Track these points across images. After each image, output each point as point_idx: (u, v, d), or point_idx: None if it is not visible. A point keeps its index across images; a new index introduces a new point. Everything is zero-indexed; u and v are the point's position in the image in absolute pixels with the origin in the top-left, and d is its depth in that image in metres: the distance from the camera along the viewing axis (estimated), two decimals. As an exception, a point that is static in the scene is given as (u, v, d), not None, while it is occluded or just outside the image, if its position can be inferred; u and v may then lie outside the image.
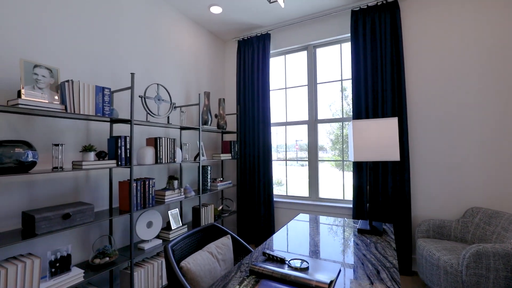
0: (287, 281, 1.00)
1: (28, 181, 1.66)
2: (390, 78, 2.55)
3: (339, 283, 1.01)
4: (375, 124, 1.47)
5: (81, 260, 1.93)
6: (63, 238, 1.82)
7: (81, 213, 1.66)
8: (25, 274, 1.38)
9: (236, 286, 0.99)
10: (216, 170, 3.56)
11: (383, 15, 2.63)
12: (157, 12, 2.66)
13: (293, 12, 3.03)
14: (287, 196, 3.35)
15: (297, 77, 3.38)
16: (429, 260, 2.01)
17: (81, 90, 1.68)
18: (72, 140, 1.89)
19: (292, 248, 1.37)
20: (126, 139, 1.96)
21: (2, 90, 1.56)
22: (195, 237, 1.48)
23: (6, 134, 1.57)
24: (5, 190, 1.56)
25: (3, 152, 1.37)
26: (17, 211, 1.60)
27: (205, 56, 3.40)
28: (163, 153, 2.30)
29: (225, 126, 3.23)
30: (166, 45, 2.75)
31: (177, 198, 2.40)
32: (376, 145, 1.46)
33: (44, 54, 1.75)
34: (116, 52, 2.23)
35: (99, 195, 2.06)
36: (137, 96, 2.40)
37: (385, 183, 2.58)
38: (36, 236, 1.42)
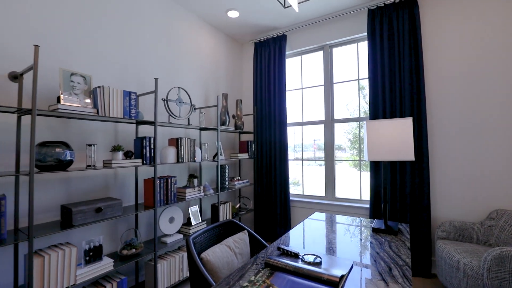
0: (300, 274, 1.06)
1: (65, 177, 1.84)
2: (409, 77, 2.51)
3: (350, 278, 1.05)
4: (389, 124, 1.49)
5: (110, 251, 2.09)
6: (95, 230, 1.99)
7: (111, 207, 1.81)
8: (65, 260, 1.54)
9: (252, 276, 1.06)
10: (233, 169, 3.66)
11: (401, 13, 2.59)
12: (178, 19, 2.80)
13: (309, 13, 3.06)
14: (303, 195, 3.38)
15: (313, 77, 3.40)
16: (449, 262, 1.97)
17: (110, 95, 1.84)
18: (102, 140, 2.06)
19: (306, 244, 1.42)
20: (151, 140, 2.10)
21: (44, 96, 1.74)
22: (214, 231, 1.58)
23: (47, 136, 1.75)
24: (47, 185, 1.74)
25: (46, 152, 1.54)
26: (56, 204, 1.78)
27: (223, 59, 3.51)
28: (184, 152, 2.43)
29: (242, 126, 3.32)
30: (186, 49, 2.89)
31: (197, 196, 2.52)
32: (390, 145, 1.48)
33: (78, 63, 1.93)
34: (141, 59, 2.39)
35: (126, 192, 2.23)
36: (160, 99, 2.55)
37: (403, 183, 2.55)
38: (73, 227, 1.58)
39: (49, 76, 1.77)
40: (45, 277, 1.46)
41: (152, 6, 2.51)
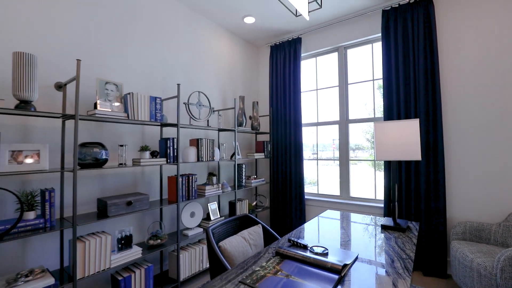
0: (307, 262, 1.17)
1: (101, 174, 2.07)
2: (423, 77, 2.51)
3: (354, 268, 1.15)
4: (397, 125, 1.55)
5: (138, 241, 2.32)
6: (125, 221, 2.22)
7: (139, 201, 2.02)
8: (101, 246, 1.76)
9: (263, 263, 1.19)
10: (250, 168, 3.81)
11: (415, 13, 2.59)
12: (197, 27, 2.99)
13: (323, 16, 3.13)
14: (318, 194, 3.46)
15: (328, 78, 3.46)
16: (462, 262, 1.98)
17: (139, 100, 2.04)
18: (131, 141, 2.29)
19: (315, 238, 1.53)
20: (174, 140, 2.30)
21: (82, 103, 1.99)
22: (230, 224, 1.72)
23: (86, 137, 1.99)
24: (86, 181, 1.98)
25: (86, 151, 1.77)
26: (93, 198, 2.02)
27: (240, 62, 3.66)
28: (203, 152, 2.61)
29: (258, 127, 3.46)
30: (205, 55, 3.08)
31: (215, 192, 2.69)
32: (398, 145, 1.54)
33: (111, 72, 2.16)
34: (165, 66, 2.60)
35: (151, 188, 2.44)
36: (182, 103, 2.75)
37: (417, 183, 2.56)
38: (108, 218, 1.80)
39: (87, 85, 2.01)
40: (86, 260, 1.68)
41: (176, 18, 2.71)
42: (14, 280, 1.45)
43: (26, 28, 1.72)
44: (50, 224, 1.59)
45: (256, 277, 1.06)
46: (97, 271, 1.72)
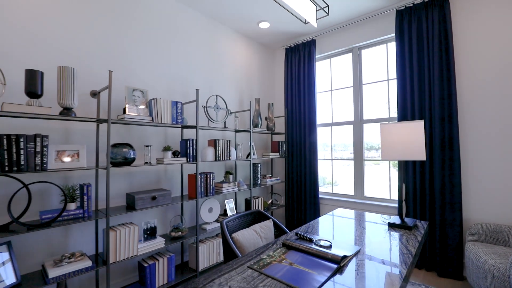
0: (310, 253, 1.28)
1: (129, 171, 2.31)
2: (438, 77, 2.49)
3: (354, 260, 1.24)
4: (402, 127, 1.61)
5: (161, 232, 2.54)
6: (150, 214, 2.44)
7: (163, 196, 2.23)
8: (130, 236, 1.98)
9: (270, 252, 1.32)
10: (266, 167, 3.94)
11: (430, 12, 2.57)
12: (215, 34, 3.17)
13: (337, 18, 3.18)
14: (333, 193, 3.51)
15: (343, 79, 3.50)
16: (475, 263, 1.97)
17: (162, 105, 2.25)
18: (155, 142, 2.51)
19: (321, 233, 1.63)
20: (193, 141, 2.49)
21: (113, 108, 2.23)
22: (244, 218, 1.87)
23: (116, 139, 2.24)
24: (116, 177, 2.22)
25: (116, 151, 2.00)
26: (122, 192, 2.26)
27: (256, 65, 3.80)
28: (220, 152, 2.78)
29: (274, 128, 3.58)
30: (223, 60, 3.25)
31: (232, 190, 2.85)
32: (403, 146, 1.60)
33: (138, 79, 2.40)
34: (186, 72, 2.80)
35: (173, 184, 2.66)
36: (201, 106, 2.94)
37: (432, 184, 2.54)
38: (135, 210, 2.02)
39: (117, 92, 2.25)
40: (117, 247, 1.91)
41: (196, 27, 2.91)
42: (60, 261, 1.70)
43: (67, 44, 1.98)
44: (87, 214, 1.83)
45: (263, 263, 1.19)
46: (126, 257, 1.95)
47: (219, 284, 1.00)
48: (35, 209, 1.81)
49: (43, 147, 1.61)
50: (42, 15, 1.87)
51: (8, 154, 1.49)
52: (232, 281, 1.03)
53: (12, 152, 1.51)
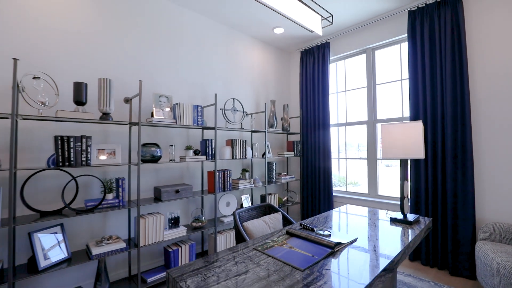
0: (308, 239, 1.45)
1: (155, 168, 2.61)
2: (450, 76, 2.50)
3: (349, 247, 1.39)
4: (401, 127, 1.71)
5: (184, 223, 2.82)
6: (174, 205, 2.74)
7: (185, 190, 2.50)
8: (157, 223, 2.27)
9: (275, 238, 1.51)
10: (282, 166, 4.11)
11: (443, 12, 2.59)
12: (233, 41, 3.40)
13: (350, 20, 3.26)
14: (347, 192, 3.59)
15: (357, 79, 3.56)
16: (483, 261, 2.00)
17: (184, 108, 2.52)
18: (178, 142, 2.80)
19: (326, 225, 1.78)
20: (212, 141, 2.74)
21: (142, 112, 2.54)
22: (255, 211, 2.07)
23: (145, 139, 2.55)
24: (145, 173, 2.53)
25: (146, 150, 2.30)
26: (149, 186, 2.57)
27: (272, 68, 3.99)
28: (237, 151, 3.00)
29: (289, 128, 3.74)
30: (240, 65, 3.48)
31: (248, 186, 3.07)
32: (402, 146, 1.70)
33: (164, 86, 2.70)
34: (206, 78, 3.07)
35: (194, 180, 2.93)
36: (219, 109, 3.19)
37: (444, 184, 2.56)
38: (161, 202, 2.30)
39: (145, 98, 2.57)
40: (146, 233, 2.20)
41: (214, 35, 3.17)
42: (100, 242, 2.03)
43: (105, 58, 2.31)
44: (122, 204, 2.14)
45: (266, 246, 1.38)
46: (153, 242, 2.24)
47: (228, 259, 1.21)
48: (81, 198, 2.17)
49: (87, 146, 1.94)
50: (84, 35, 2.22)
51: (61, 152, 1.83)
52: (239, 257, 1.24)
53: (64, 150, 1.84)
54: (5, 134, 1.86)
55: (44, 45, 2.02)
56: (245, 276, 1.06)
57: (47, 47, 2.04)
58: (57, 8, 2.09)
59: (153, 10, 2.65)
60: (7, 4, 1.88)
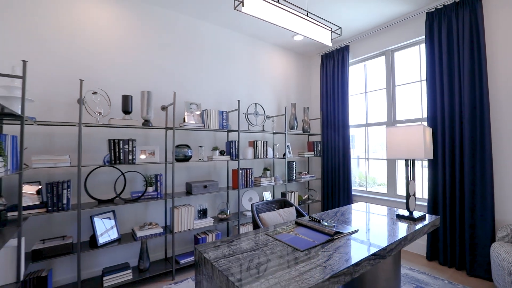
0: (313, 228, 1.68)
1: (187, 166, 3.00)
2: (469, 78, 2.51)
3: (350, 237, 1.59)
4: (405, 130, 1.84)
5: (211, 215, 3.17)
6: (202, 199, 3.10)
7: (212, 186, 2.84)
8: (188, 214, 2.64)
9: (284, 226, 1.76)
10: (303, 166, 4.30)
11: (461, 12, 2.59)
12: (255, 49, 3.69)
13: (369, 23, 3.35)
14: (366, 191, 3.67)
15: (376, 81, 3.63)
16: (496, 261, 2.03)
17: (211, 114, 2.87)
18: (206, 143, 3.16)
19: (333, 218, 1.98)
20: (235, 143, 3.05)
21: (176, 118, 2.94)
22: (271, 204, 2.33)
23: (178, 141, 2.94)
24: (178, 170, 2.93)
25: (179, 150, 2.68)
26: (182, 181, 2.96)
27: (293, 73, 4.20)
28: (259, 151, 3.28)
29: (309, 129, 3.92)
30: (262, 71, 3.76)
31: (268, 184, 3.33)
32: (406, 146, 1.83)
33: (194, 94, 3.08)
34: (230, 86, 3.39)
35: (220, 177, 3.27)
36: (242, 113, 3.50)
37: (462, 184, 2.57)
38: (192, 195, 2.67)
39: (178, 105, 2.96)
40: (179, 221, 2.58)
41: (238, 45, 3.48)
42: (142, 227, 2.45)
43: (145, 73, 2.75)
44: (159, 196, 2.55)
45: (276, 232, 1.64)
46: (185, 229, 2.61)
47: (242, 240, 1.50)
48: (128, 190, 2.61)
49: (133, 148, 2.36)
50: (130, 57, 2.66)
51: (113, 152, 2.27)
52: (251, 239, 1.51)
53: (115, 151, 2.28)
54: (73, 138, 2.36)
55: (100, 66, 2.49)
56: (254, 252, 1.33)
57: (102, 68, 2.51)
58: (110, 37, 2.55)
59: (184, 28, 3.04)
60: (74, 38, 2.37)
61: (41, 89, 2.22)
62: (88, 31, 2.44)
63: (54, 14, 2.29)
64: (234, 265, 1.19)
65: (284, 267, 1.16)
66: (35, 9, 2.20)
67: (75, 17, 2.38)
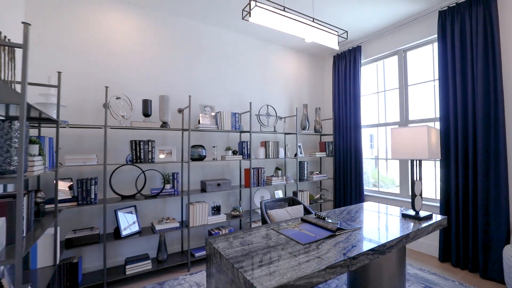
0: (316, 225, 1.77)
1: (202, 165, 3.18)
2: (482, 77, 2.47)
3: (351, 233, 1.66)
4: (408, 131, 1.88)
5: (224, 212, 3.33)
6: (216, 196, 3.27)
7: (225, 184, 3.00)
8: (202, 210, 2.81)
9: (290, 222, 1.86)
10: (316, 165, 4.35)
11: (474, 10, 2.55)
12: (267, 52, 3.80)
13: (381, 23, 3.35)
14: (378, 191, 3.67)
15: (389, 81, 3.61)
16: (508, 264, 2.01)
17: (224, 116, 3.02)
18: (220, 143, 3.32)
19: (339, 216, 2.05)
20: (247, 143, 3.19)
21: (192, 120, 3.12)
22: (280, 202, 2.44)
23: (193, 141, 3.12)
24: (194, 169, 3.11)
25: (194, 150, 2.85)
26: (197, 179, 3.14)
27: (305, 74, 4.26)
28: (270, 151, 3.40)
29: (320, 130, 3.97)
30: (274, 73, 3.86)
31: (280, 183, 3.44)
32: (409, 147, 1.87)
33: (208, 97, 3.25)
34: (242, 88, 3.53)
35: (233, 176, 3.42)
36: (254, 115, 3.63)
37: (475, 186, 2.53)
38: (206, 192, 2.83)
39: (194, 108, 3.14)
40: (194, 216, 2.76)
41: (250, 49, 3.61)
42: (161, 221, 2.65)
43: (163, 79, 2.95)
44: (176, 193, 2.73)
45: (281, 227, 1.75)
46: (200, 224, 2.78)
47: (249, 234, 1.62)
48: (147, 187, 2.83)
49: (152, 148, 2.56)
50: (149, 64, 2.88)
51: (135, 152, 2.48)
52: (258, 233, 1.64)
53: (137, 151, 2.49)
54: (100, 139, 2.60)
55: (123, 73, 2.72)
56: (259, 244, 1.45)
57: (125, 75, 2.74)
58: (131, 47, 2.78)
59: (199, 35, 3.21)
60: (100, 48, 2.61)
61: (72, 96, 2.48)
62: (112, 42, 2.68)
63: (84, 27, 2.54)
64: (240, 254, 1.32)
65: (285, 258, 1.27)
66: (67, 24, 2.46)
67: (101, 29, 2.62)
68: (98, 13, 2.61)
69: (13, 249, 1.21)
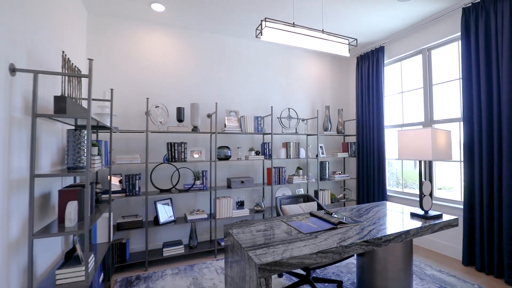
0: (321, 218, 1.96)
1: (227, 164, 3.52)
2: (508, 75, 2.38)
3: (353, 227, 1.83)
4: (415, 133, 1.96)
5: (248, 207, 3.63)
6: (239, 192, 3.59)
7: (248, 181, 3.30)
8: (228, 204, 3.15)
9: (299, 216, 2.08)
10: (339, 165, 4.43)
11: (500, 6, 2.46)
12: (289, 57, 4.01)
13: (403, 23, 3.34)
14: (402, 192, 3.64)
15: (413, 80, 3.56)
16: (527, 266, 1.96)
17: (248, 119, 3.32)
18: (244, 144, 3.64)
19: (349, 213, 2.21)
20: (269, 144, 3.45)
21: (219, 124, 3.48)
22: (295, 198, 2.66)
23: (220, 143, 3.49)
24: (220, 168, 3.47)
25: (220, 151, 3.21)
26: (224, 177, 3.49)
27: (328, 75, 4.37)
28: (291, 151, 3.61)
29: (343, 130, 4.06)
30: (297, 77, 4.05)
31: (301, 181, 3.63)
32: (415, 148, 1.96)
33: (233, 103, 3.58)
34: (265, 92, 3.80)
35: (256, 174, 3.71)
36: (276, 117, 3.86)
37: (500, 188, 2.45)
38: (231, 188, 3.17)
39: (220, 113, 3.50)
40: (220, 210, 3.11)
41: (273, 55, 3.86)
42: (192, 212, 3.05)
43: (193, 88, 3.35)
44: (205, 188, 3.11)
45: (290, 220, 1.98)
46: (225, 216, 3.12)
47: (261, 223, 1.89)
48: (181, 182, 3.26)
49: (184, 149, 2.97)
50: (183, 76, 3.30)
51: (170, 152, 2.91)
52: (268, 223, 1.90)
53: (172, 151, 2.91)
54: (142, 142, 3.09)
55: (160, 85, 3.19)
56: (267, 231, 1.71)
57: (162, 86, 3.20)
58: (167, 62, 3.23)
59: (225, 47, 3.56)
60: (142, 64, 3.10)
61: (121, 106, 3.00)
62: (152, 58, 3.15)
63: (128, 47, 3.05)
64: (249, 238, 1.59)
65: (285, 243, 1.52)
66: (113, 45, 2.99)
67: (141, 48, 3.11)
68: (142, 37, 3.10)
69: (82, 224, 1.64)
